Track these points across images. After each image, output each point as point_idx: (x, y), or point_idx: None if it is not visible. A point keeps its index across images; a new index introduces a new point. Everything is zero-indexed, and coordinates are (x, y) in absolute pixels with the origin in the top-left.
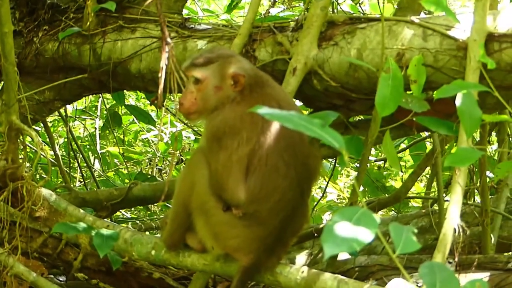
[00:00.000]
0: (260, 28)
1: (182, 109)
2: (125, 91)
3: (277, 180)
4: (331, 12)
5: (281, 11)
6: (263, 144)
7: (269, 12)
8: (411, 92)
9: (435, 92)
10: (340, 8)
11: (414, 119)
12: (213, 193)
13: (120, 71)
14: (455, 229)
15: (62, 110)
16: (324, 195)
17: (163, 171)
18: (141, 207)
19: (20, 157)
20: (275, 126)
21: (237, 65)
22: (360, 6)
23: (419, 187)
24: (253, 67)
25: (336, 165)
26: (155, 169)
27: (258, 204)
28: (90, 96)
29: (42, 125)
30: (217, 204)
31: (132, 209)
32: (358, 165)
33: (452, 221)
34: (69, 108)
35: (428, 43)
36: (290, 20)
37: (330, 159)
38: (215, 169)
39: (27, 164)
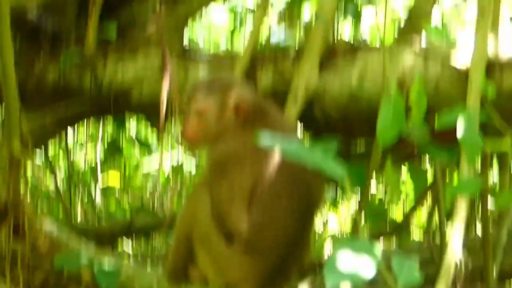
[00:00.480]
0: (261, 55)
1: (185, 138)
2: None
3: (279, 211)
4: (332, 39)
5: (282, 36)
6: (267, 177)
7: (269, 39)
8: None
9: (436, 118)
10: (340, 36)
11: (415, 147)
12: (215, 223)
13: (121, 98)
14: (456, 262)
15: (62, 142)
16: (326, 226)
17: (164, 205)
18: (142, 240)
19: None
20: (277, 156)
21: (239, 95)
22: (360, 32)
23: (421, 218)
24: (255, 94)
25: (337, 192)
26: (156, 201)
27: (259, 235)
28: (90, 126)
29: (42, 154)
30: (219, 235)
31: (134, 241)
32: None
33: (454, 254)
34: (70, 139)
35: (429, 70)
36: (290, 49)
37: (331, 186)
38: (217, 198)
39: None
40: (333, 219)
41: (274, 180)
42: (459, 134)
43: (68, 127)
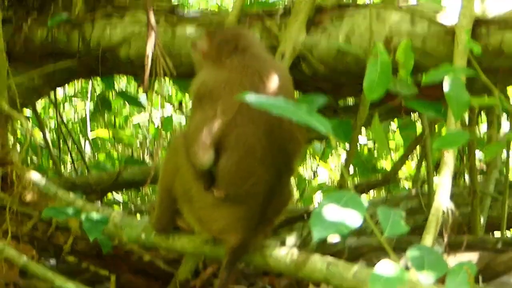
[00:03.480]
0: (249, 14)
1: None
2: (114, 75)
3: (253, 163)
4: None
5: None
6: (240, 125)
7: None
8: (399, 76)
9: (423, 76)
10: None
11: (402, 102)
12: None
13: (109, 56)
14: (443, 211)
15: (52, 95)
16: (315, 176)
17: (154, 155)
18: (132, 189)
19: (10, 142)
20: (252, 108)
21: (200, 37)
22: None
23: (410, 168)
24: (233, 30)
25: (327, 145)
26: (146, 152)
27: (236, 185)
28: (81, 80)
29: (31, 110)
30: (200, 188)
31: (123, 191)
32: (346, 149)
33: (441, 203)
34: (60, 92)
35: (416, 28)
36: (278, 6)
37: (320, 140)
38: (188, 128)
39: (17, 149)
40: (323, 170)
41: (249, 133)
42: (446, 90)
43: (57, 85)
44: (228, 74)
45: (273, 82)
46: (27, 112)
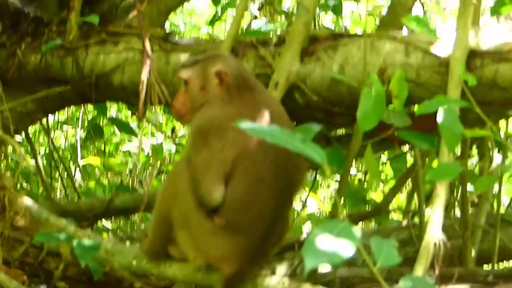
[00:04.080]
0: (242, 42)
1: (174, 110)
2: (107, 102)
3: (261, 191)
4: (314, 28)
5: (263, 24)
6: (251, 153)
7: (250, 26)
8: (392, 107)
9: (416, 107)
10: (322, 24)
11: (395, 133)
12: (194, 198)
13: (102, 83)
14: (435, 243)
15: (44, 121)
16: (305, 206)
17: (143, 183)
18: (122, 217)
19: (2, 167)
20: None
21: (222, 63)
22: (342, 21)
23: (399, 201)
24: (241, 67)
25: (317, 176)
26: (136, 180)
27: (240, 213)
28: (72, 107)
29: (23, 136)
30: (200, 214)
31: (113, 219)
32: (339, 177)
33: (433, 234)
34: (51, 118)
35: (410, 59)
36: (272, 35)
37: (311, 170)
38: (195, 164)
39: (9, 174)
40: (312, 202)
41: (259, 160)
42: (440, 121)
43: (50, 111)
44: (238, 109)
45: (282, 119)
46: (19, 137)
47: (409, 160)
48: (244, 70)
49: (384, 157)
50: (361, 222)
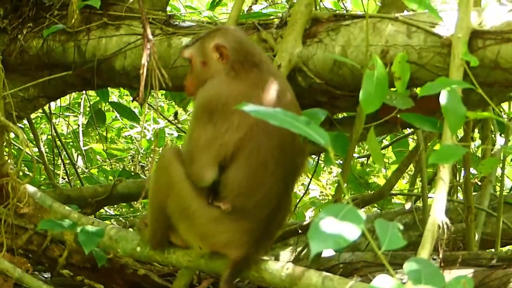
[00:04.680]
0: (244, 25)
1: (186, 91)
2: (108, 88)
3: (265, 175)
4: (315, 9)
5: (264, 8)
6: (255, 137)
7: (251, 9)
8: (395, 89)
9: (419, 89)
10: (323, 5)
11: (398, 116)
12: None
13: (104, 68)
14: (439, 226)
15: (46, 107)
16: (307, 191)
17: (145, 168)
18: (124, 204)
19: (5, 154)
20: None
21: (221, 37)
22: (343, 3)
23: (401, 184)
24: (243, 40)
25: (319, 161)
26: (138, 166)
27: (244, 197)
28: (74, 93)
29: (26, 122)
30: (201, 202)
31: (115, 206)
32: (341, 162)
33: (437, 217)
34: (53, 105)
35: (412, 40)
36: (274, 17)
37: (313, 156)
38: (196, 139)
39: (11, 161)
40: (314, 187)
41: (263, 146)
42: (443, 103)
43: (52, 96)
44: (246, 88)
45: (289, 101)
46: (21, 125)
47: (411, 143)
48: (247, 43)
49: (386, 142)
50: (364, 206)
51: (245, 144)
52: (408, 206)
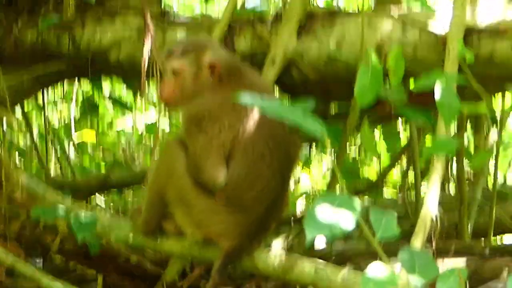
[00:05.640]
0: (239, 19)
1: (162, 98)
2: (102, 78)
3: (262, 168)
4: (309, 4)
5: (257, 6)
6: (248, 132)
7: (244, 6)
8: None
9: (413, 82)
10: (317, 4)
11: (392, 109)
12: (192, 178)
13: (98, 60)
14: (432, 216)
15: (39, 98)
16: (298, 182)
17: (136, 162)
18: (115, 193)
19: None
20: (257, 115)
21: (213, 54)
22: (337, 2)
23: (392, 177)
24: (230, 55)
25: (311, 152)
26: (129, 157)
27: (242, 191)
28: (66, 85)
29: (19, 111)
30: (198, 192)
31: (107, 194)
32: (335, 153)
33: (430, 208)
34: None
35: (407, 36)
36: (270, 11)
37: (305, 146)
38: (193, 151)
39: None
40: (305, 178)
41: (257, 139)
42: (437, 96)
43: (46, 86)
44: (228, 94)
45: (270, 97)
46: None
47: (403, 136)
48: (233, 57)
49: (377, 135)
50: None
51: (240, 140)
52: (400, 197)
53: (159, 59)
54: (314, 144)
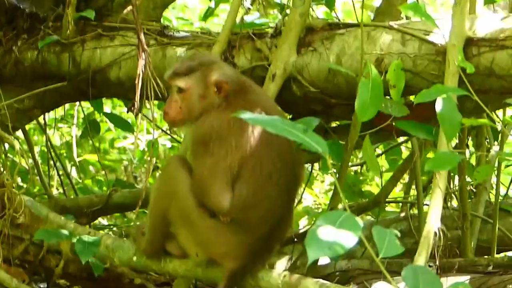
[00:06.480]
0: (238, 34)
1: (167, 118)
2: (102, 98)
3: (269, 188)
4: (309, 18)
5: (257, 18)
6: (256, 152)
7: (243, 20)
8: (390, 97)
9: (413, 97)
10: (316, 15)
11: (393, 123)
12: (197, 200)
13: (99, 78)
14: (435, 233)
15: (40, 118)
16: (300, 201)
17: (138, 179)
18: (118, 214)
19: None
20: (264, 134)
21: (220, 72)
22: (336, 14)
23: (395, 193)
24: (235, 72)
25: (313, 171)
26: (131, 176)
27: (248, 211)
28: (67, 104)
29: (19, 134)
30: (202, 213)
31: (109, 217)
32: (335, 171)
33: (433, 224)
34: (47, 116)
35: (407, 48)
36: (268, 26)
37: (307, 165)
38: (200, 174)
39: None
40: (308, 196)
41: (265, 158)
42: (438, 110)
43: (46, 108)
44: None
45: (275, 113)
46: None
47: (405, 151)
48: (239, 74)
49: (379, 151)
50: (359, 214)
51: (247, 160)
52: (403, 214)
53: (158, 76)
54: (316, 163)
